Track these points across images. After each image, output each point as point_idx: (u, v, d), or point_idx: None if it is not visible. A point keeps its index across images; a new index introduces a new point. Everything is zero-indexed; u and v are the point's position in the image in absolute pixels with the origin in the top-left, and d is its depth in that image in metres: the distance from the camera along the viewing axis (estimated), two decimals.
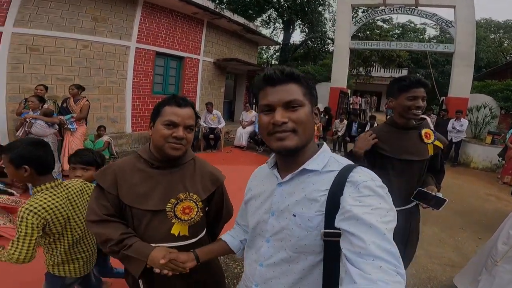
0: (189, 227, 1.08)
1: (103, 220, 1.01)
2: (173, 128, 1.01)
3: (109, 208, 1.03)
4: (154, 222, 1.04)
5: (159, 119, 1.03)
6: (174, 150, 1.02)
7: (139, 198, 1.03)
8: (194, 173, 1.13)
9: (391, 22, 18.14)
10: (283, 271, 0.76)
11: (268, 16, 17.38)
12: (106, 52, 5.79)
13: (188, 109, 1.05)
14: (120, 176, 1.05)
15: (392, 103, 1.53)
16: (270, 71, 0.73)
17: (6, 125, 4.47)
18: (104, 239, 1.00)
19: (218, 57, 8.62)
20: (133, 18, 6.18)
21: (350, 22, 9.07)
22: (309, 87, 0.75)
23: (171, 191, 1.05)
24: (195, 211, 1.07)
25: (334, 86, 9.19)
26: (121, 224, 1.04)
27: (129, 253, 0.99)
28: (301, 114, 0.71)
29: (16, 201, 2.70)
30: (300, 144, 0.72)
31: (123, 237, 1.00)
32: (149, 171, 1.07)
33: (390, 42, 10.15)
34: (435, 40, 17.98)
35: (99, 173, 1.08)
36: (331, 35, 15.98)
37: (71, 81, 5.10)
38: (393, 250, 0.54)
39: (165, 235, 1.04)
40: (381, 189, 0.65)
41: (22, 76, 4.65)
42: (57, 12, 4.97)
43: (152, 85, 6.88)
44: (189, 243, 1.09)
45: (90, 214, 1.03)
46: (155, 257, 0.96)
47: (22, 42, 4.59)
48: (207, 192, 1.13)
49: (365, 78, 14.88)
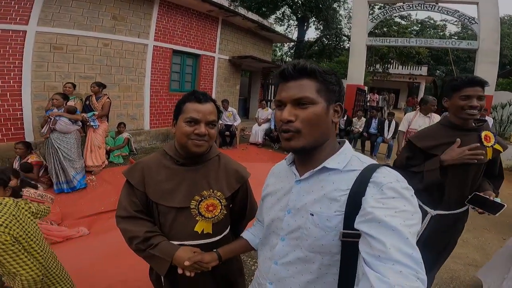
0: (213, 225, 1.07)
1: (132, 217, 1.03)
2: (195, 125, 1.00)
3: (138, 204, 1.05)
4: (179, 219, 1.04)
5: (181, 116, 1.02)
6: (197, 147, 1.00)
7: (164, 194, 1.04)
8: (219, 170, 1.11)
9: (409, 19, 17.64)
10: (298, 270, 0.74)
11: (282, 13, 17.27)
12: (125, 50, 5.88)
13: (209, 105, 1.03)
14: (147, 173, 1.06)
15: (447, 103, 1.48)
16: (284, 66, 0.71)
17: (31, 122, 4.60)
18: (130, 236, 1.02)
19: (233, 54, 8.62)
20: (150, 17, 6.24)
21: (366, 18, 8.88)
22: (326, 82, 0.70)
23: (195, 188, 1.05)
24: (219, 208, 1.06)
25: (351, 83, 9.03)
26: (148, 222, 1.05)
27: (155, 253, 1.00)
28: (310, 113, 0.68)
29: (42, 195, 2.75)
30: (307, 144, 0.70)
31: (149, 235, 1.01)
32: (174, 168, 1.07)
33: (409, 39, 9.83)
34: (456, 37, 17.39)
35: (127, 170, 1.09)
36: (346, 32, 15.73)
37: (93, 79, 5.21)
38: (415, 254, 0.52)
39: (189, 233, 1.04)
40: (406, 191, 0.62)
41: (47, 74, 4.78)
42: (79, 10, 5.06)
43: (169, 82, 6.95)
44: (213, 241, 1.09)
45: (120, 209, 1.05)
46: (180, 257, 0.97)
47: (46, 41, 4.70)
48: (231, 190, 1.11)
49: (383, 75, 14.51)
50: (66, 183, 3.72)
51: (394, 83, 18.56)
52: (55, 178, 3.69)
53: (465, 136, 1.43)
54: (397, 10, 9.10)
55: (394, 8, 8.94)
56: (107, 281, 2.10)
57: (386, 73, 14.46)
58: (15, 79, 4.40)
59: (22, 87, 4.47)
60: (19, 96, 4.46)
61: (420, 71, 18.33)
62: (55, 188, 3.68)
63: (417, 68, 17.99)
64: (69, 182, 3.74)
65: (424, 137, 1.55)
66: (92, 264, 2.27)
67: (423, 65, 17.65)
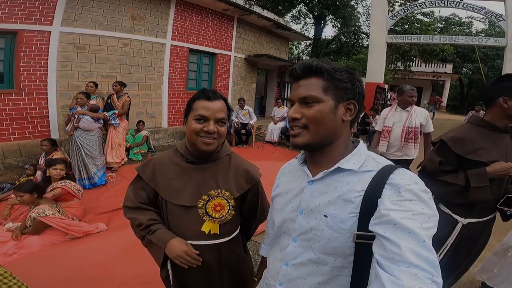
0: (221, 225, 1.06)
1: (138, 207, 1.07)
2: (204, 122, 1.00)
3: (145, 198, 1.08)
4: (186, 218, 1.04)
5: (191, 114, 1.02)
6: (206, 145, 1.00)
7: (173, 192, 1.04)
8: (228, 170, 1.09)
9: (432, 16, 16.93)
10: (309, 272, 0.73)
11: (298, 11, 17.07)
12: (144, 50, 6.00)
13: (218, 102, 1.03)
14: (158, 170, 1.08)
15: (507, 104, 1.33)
16: (294, 66, 0.73)
17: (57, 120, 4.79)
18: (137, 224, 1.05)
19: (249, 53, 8.61)
20: (167, 16, 6.33)
21: (386, 15, 8.60)
22: (335, 80, 0.69)
23: (203, 187, 1.04)
24: (227, 209, 1.04)
25: (370, 81, 8.76)
26: (153, 212, 1.08)
27: (152, 238, 1.02)
28: (315, 111, 0.68)
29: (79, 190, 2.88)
30: (313, 141, 0.70)
31: (150, 222, 1.03)
32: (184, 166, 1.07)
33: (433, 36, 9.42)
34: (483, 34, 16.52)
35: (140, 166, 1.12)
36: (365, 29, 15.31)
37: (114, 78, 5.36)
38: (431, 257, 0.51)
39: (196, 233, 1.03)
40: (424, 193, 0.60)
41: (71, 73, 4.95)
42: (99, 11, 5.20)
43: (186, 81, 7.03)
44: (220, 242, 1.07)
45: (127, 200, 1.10)
46: (173, 245, 0.97)
47: (70, 41, 4.87)
48: (240, 190, 1.08)
49: (404, 73, 14.00)
50: (87, 179, 3.84)
51: (417, 81, 17.87)
52: (77, 174, 3.82)
53: (501, 139, 1.39)
54: (419, 7, 8.77)
55: (416, 5, 8.61)
56: (121, 276, 2.13)
57: (408, 70, 13.94)
58: (41, 79, 4.58)
59: (48, 86, 4.66)
60: (45, 95, 4.65)
61: (445, 69, 17.57)
62: (78, 184, 3.80)
63: (441, 65, 17.24)
64: (90, 178, 3.86)
65: (459, 140, 1.41)
66: (107, 259, 2.31)
67: (448, 62, 16.88)
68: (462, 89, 20.53)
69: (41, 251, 2.39)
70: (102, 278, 2.10)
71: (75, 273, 2.12)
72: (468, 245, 1.51)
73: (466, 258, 1.58)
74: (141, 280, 2.08)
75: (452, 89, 21.32)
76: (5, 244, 2.36)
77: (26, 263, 2.21)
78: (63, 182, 2.81)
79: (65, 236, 2.57)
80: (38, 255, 2.34)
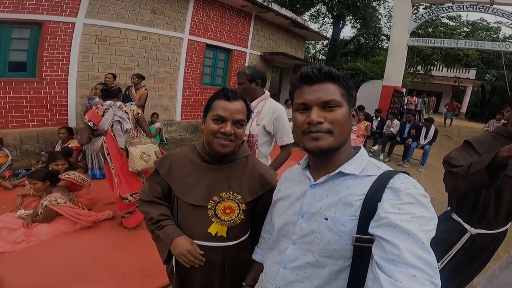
0: (229, 229, 1.03)
1: (151, 201, 1.08)
2: (221, 123, 0.97)
3: (159, 192, 1.09)
4: (195, 217, 1.03)
5: (209, 113, 1.00)
6: (222, 147, 0.97)
7: (185, 190, 1.04)
8: (243, 173, 1.06)
9: (459, 20, 16.27)
10: (307, 275, 0.73)
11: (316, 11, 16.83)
12: (162, 44, 6.08)
13: (237, 103, 1.00)
14: (174, 166, 1.07)
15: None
16: (308, 70, 0.72)
17: (75, 109, 4.94)
18: (148, 218, 1.07)
19: (265, 50, 8.58)
20: (186, 11, 6.39)
21: (409, 18, 8.34)
22: (347, 87, 0.73)
23: (215, 188, 1.02)
24: (236, 212, 1.02)
25: (387, 84, 8.54)
26: (166, 207, 1.09)
27: (160, 234, 1.02)
28: (338, 115, 0.70)
29: (84, 180, 2.90)
30: (334, 145, 0.70)
31: (161, 218, 1.04)
32: (199, 164, 1.06)
33: (458, 41, 9.03)
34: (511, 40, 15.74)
35: (159, 160, 1.13)
36: (386, 31, 14.90)
37: (132, 71, 5.47)
38: (430, 259, 0.51)
39: (203, 233, 1.02)
40: (424, 197, 0.61)
41: (91, 64, 5.09)
42: (122, 3, 5.30)
43: (201, 76, 7.09)
44: (227, 245, 1.05)
45: (142, 194, 1.12)
46: (179, 243, 0.98)
47: (92, 33, 5.00)
48: (253, 195, 1.04)
49: (424, 77, 13.55)
50: (99, 169, 3.93)
51: (437, 86, 17.33)
52: (90, 163, 3.92)
53: None
54: (445, 11, 8.41)
55: (442, 8, 8.27)
56: (123, 267, 2.17)
57: (428, 75, 13.48)
58: (62, 69, 4.73)
59: (68, 76, 4.80)
60: (66, 85, 4.80)
61: (468, 74, 16.92)
62: (90, 173, 3.91)
63: (464, 71, 16.60)
64: (101, 168, 3.94)
65: (481, 143, 1.40)
66: (112, 251, 2.35)
67: (471, 68, 16.22)
68: (484, 96, 19.69)
69: (50, 239, 2.42)
70: (105, 269, 2.13)
71: (79, 263, 2.16)
72: (474, 257, 1.49)
73: (467, 270, 1.56)
74: (146, 273, 2.11)
75: (473, 96, 20.49)
76: (15, 232, 2.39)
77: (34, 252, 2.25)
78: (67, 174, 2.81)
79: (74, 225, 2.60)
80: (46, 243, 2.37)
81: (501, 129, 1.41)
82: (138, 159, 2.47)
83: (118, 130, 2.58)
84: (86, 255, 2.26)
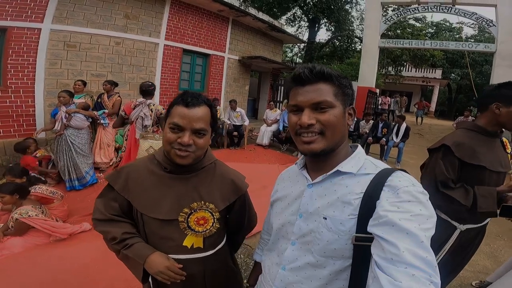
0: (205, 239, 0.98)
1: (110, 219, 0.96)
2: (179, 132, 0.88)
3: (117, 209, 0.97)
4: (166, 232, 0.95)
5: (168, 120, 0.91)
6: (180, 158, 0.88)
7: (149, 204, 0.94)
8: (213, 180, 1.00)
9: (424, 21, 17.26)
10: (307, 276, 0.72)
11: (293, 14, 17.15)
12: (136, 49, 5.93)
13: (198, 109, 0.89)
14: (132, 179, 0.97)
15: (499, 110, 1.33)
16: (299, 70, 0.70)
17: (43, 119, 4.68)
18: (110, 238, 0.95)
19: (243, 54, 8.61)
20: (161, 16, 6.28)
21: (379, 20, 8.75)
22: (341, 86, 0.71)
23: (184, 199, 0.94)
24: (211, 222, 0.96)
25: (362, 85, 8.87)
26: (128, 224, 0.97)
27: (128, 254, 0.92)
28: (330, 116, 0.68)
29: (53, 192, 2.77)
30: (327, 147, 0.69)
31: (125, 236, 0.93)
32: (161, 175, 0.96)
33: (424, 41, 9.60)
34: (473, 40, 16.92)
35: (112, 173, 1.01)
36: (359, 33, 15.48)
37: (105, 77, 5.28)
38: (429, 258, 0.51)
39: (177, 247, 0.95)
40: (422, 195, 0.60)
41: (60, 72, 4.85)
42: (92, 9, 5.12)
43: (179, 81, 6.98)
44: (205, 256, 1.00)
45: (96, 213, 0.98)
46: (154, 261, 0.89)
47: (60, 39, 4.77)
48: (226, 202, 1.00)
49: (395, 78, 14.22)
50: (77, 180, 3.77)
51: (407, 86, 18.16)
52: (67, 175, 3.73)
53: (493, 143, 1.42)
54: (412, 12, 8.93)
55: (409, 9, 8.76)
56: (108, 280, 2.09)
57: (399, 75, 14.16)
58: (28, 76, 4.48)
59: (35, 84, 4.55)
60: (32, 93, 4.54)
61: (434, 74, 17.91)
62: (67, 185, 3.74)
63: (431, 71, 17.58)
64: (80, 178, 3.79)
65: (459, 144, 1.38)
66: (93, 263, 2.27)
67: (437, 68, 17.22)
68: (451, 95, 20.96)
69: (23, 252, 2.33)
70: (90, 281, 2.06)
71: (61, 276, 2.07)
72: (463, 250, 1.54)
73: (460, 262, 1.62)
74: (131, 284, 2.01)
75: (440, 95, 21.71)
76: None
77: (9, 265, 2.16)
78: (33, 188, 2.68)
79: (49, 238, 2.51)
80: (20, 256, 2.28)
81: (471, 125, 1.45)
82: (143, 151, 2.82)
83: (139, 124, 3.19)
84: (65, 268, 2.17)
